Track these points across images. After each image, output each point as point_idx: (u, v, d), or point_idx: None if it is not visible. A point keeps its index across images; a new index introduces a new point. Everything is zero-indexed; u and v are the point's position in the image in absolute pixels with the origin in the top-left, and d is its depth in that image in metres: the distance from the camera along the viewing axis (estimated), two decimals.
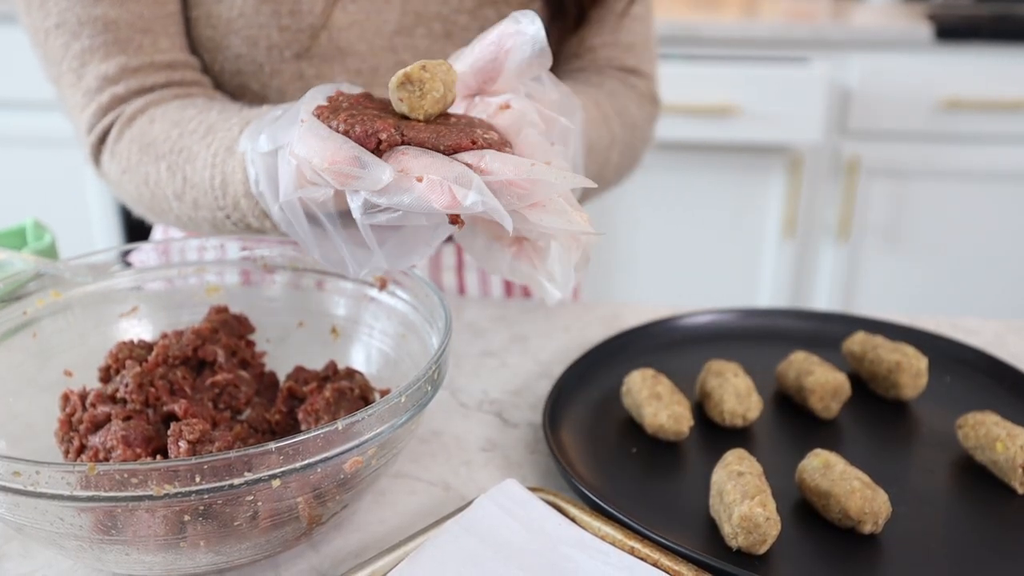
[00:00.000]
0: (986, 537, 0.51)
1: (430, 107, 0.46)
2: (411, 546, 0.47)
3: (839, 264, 1.89)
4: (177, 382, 0.53)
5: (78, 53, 0.68)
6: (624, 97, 0.80)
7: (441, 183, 0.43)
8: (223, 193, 0.59)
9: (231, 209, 0.60)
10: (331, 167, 0.44)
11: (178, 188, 0.63)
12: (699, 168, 1.87)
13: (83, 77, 0.68)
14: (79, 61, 0.68)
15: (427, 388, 0.47)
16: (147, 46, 0.69)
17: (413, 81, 0.46)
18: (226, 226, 0.62)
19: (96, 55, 0.68)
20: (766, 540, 0.48)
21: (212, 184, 0.60)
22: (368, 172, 0.44)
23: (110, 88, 0.68)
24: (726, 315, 0.74)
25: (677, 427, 0.58)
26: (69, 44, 0.68)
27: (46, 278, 0.58)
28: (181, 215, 0.65)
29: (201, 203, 0.62)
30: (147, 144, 0.65)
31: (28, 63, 0.71)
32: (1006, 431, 0.55)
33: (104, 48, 0.68)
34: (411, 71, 0.46)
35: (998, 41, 1.73)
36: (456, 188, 0.43)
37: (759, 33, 1.77)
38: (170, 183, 0.63)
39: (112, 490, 0.39)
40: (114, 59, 0.68)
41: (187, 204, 0.63)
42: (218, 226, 0.63)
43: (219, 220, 0.62)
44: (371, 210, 0.45)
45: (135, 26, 0.68)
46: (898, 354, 0.63)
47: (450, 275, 0.84)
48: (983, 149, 1.79)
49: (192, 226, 0.66)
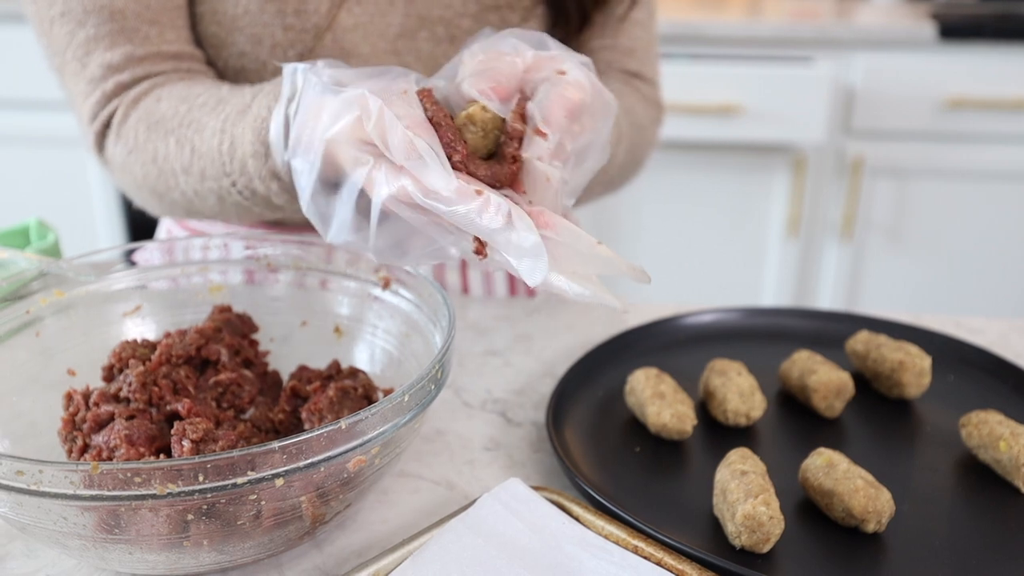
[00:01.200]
0: (989, 536, 0.51)
1: (484, 150, 0.49)
2: (415, 545, 0.47)
3: (843, 263, 1.89)
4: (180, 381, 0.53)
5: (83, 42, 0.68)
6: (630, 97, 0.80)
7: (499, 206, 0.44)
8: (231, 158, 0.59)
9: (238, 174, 0.60)
10: (408, 137, 0.45)
11: (186, 161, 0.63)
12: (703, 167, 1.87)
13: (87, 66, 0.68)
14: (83, 50, 0.68)
15: (431, 387, 0.47)
16: (154, 36, 0.69)
17: (476, 122, 0.48)
18: (231, 196, 0.62)
19: (101, 44, 0.68)
20: (769, 539, 0.48)
21: (220, 150, 0.60)
22: (434, 166, 0.45)
23: (114, 76, 0.68)
24: (729, 314, 0.74)
25: (680, 426, 0.57)
26: (74, 32, 0.68)
27: (49, 277, 0.58)
28: (187, 190, 0.64)
29: (208, 173, 0.62)
30: (155, 122, 0.65)
31: (33, 63, 0.71)
32: (1009, 430, 0.55)
33: (110, 37, 0.67)
34: (474, 113, 0.48)
35: (1002, 40, 1.72)
36: (516, 215, 0.44)
37: (763, 32, 1.76)
38: (178, 156, 0.63)
39: (115, 489, 0.39)
40: (120, 48, 0.68)
41: (194, 176, 0.63)
42: (223, 197, 0.63)
43: (224, 190, 0.62)
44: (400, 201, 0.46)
45: (142, 16, 0.68)
46: (901, 353, 0.63)
47: (454, 274, 0.84)
48: (987, 148, 1.79)
49: (197, 202, 0.65)
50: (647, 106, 0.82)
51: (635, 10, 0.81)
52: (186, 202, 0.66)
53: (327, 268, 0.61)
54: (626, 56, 0.82)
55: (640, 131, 0.80)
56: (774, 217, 1.89)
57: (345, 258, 0.61)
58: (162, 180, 0.66)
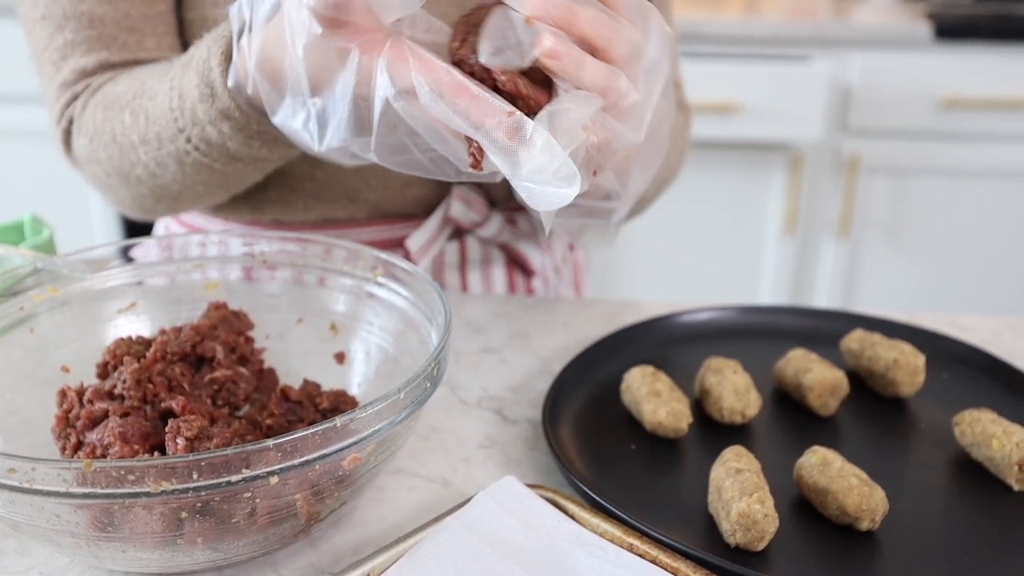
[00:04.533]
0: (982, 533, 0.51)
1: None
2: (410, 543, 0.47)
3: (839, 261, 1.89)
4: (175, 378, 0.53)
5: (60, 46, 0.68)
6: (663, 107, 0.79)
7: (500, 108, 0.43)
8: (181, 111, 0.58)
9: (190, 127, 0.59)
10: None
11: (141, 129, 0.62)
12: (700, 165, 1.87)
13: (61, 69, 0.68)
14: (60, 54, 0.68)
15: (426, 384, 0.47)
16: (132, 44, 0.69)
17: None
18: (190, 156, 0.61)
19: (78, 49, 0.68)
20: (764, 537, 0.48)
21: (171, 107, 0.59)
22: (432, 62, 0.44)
23: (85, 80, 0.68)
24: (725, 312, 0.74)
25: (676, 424, 0.58)
26: (53, 36, 0.68)
27: (44, 273, 0.57)
28: (148, 162, 0.64)
29: (164, 136, 0.61)
30: (111, 102, 0.65)
31: (27, 58, 0.71)
32: (1002, 428, 0.55)
33: (87, 43, 0.68)
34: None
35: (997, 40, 1.73)
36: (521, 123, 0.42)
37: (760, 31, 1.76)
38: (134, 127, 0.63)
39: (109, 487, 0.39)
40: (95, 54, 0.68)
41: (151, 144, 0.62)
42: (182, 160, 0.62)
43: (182, 151, 0.61)
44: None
45: (121, 24, 0.68)
46: (896, 351, 0.63)
47: (453, 273, 0.84)
48: (982, 147, 1.79)
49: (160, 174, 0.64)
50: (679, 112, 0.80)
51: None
52: (149, 177, 0.65)
53: (324, 265, 0.61)
54: None
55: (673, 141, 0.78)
56: (771, 215, 1.89)
57: (343, 255, 0.61)
58: (124, 158, 0.65)
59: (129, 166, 0.65)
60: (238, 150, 0.60)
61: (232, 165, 0.62)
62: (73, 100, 0.68)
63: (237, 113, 0.57)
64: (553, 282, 0.90)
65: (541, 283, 0.88)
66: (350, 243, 0.60)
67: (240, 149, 0.60)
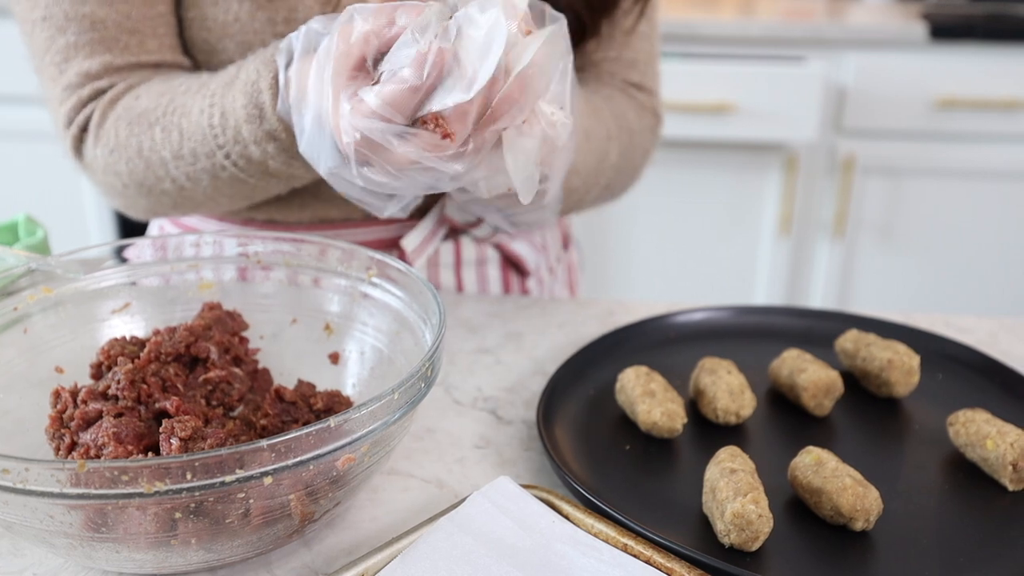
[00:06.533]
0: (976, 533, 0.51)
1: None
2: (404, 543, 0.47)
3: (834, 261, 1.89)
4: (169, 379, 0.53)
5: (62, 48, 0.68)
6: (622, 104, 0.80)
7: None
8: (222, 129, 0.61)
9: (231, 144, 0.61)
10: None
11: (175, 146, 0.64)
12: (695, 166, 1.87)
13: (65, 72, 0.69)
14: (62, 56, 0.68)
15: (420, 385, 0.47)
16: (133, 46, 0.69)
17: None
18: (226, 171, 0.63)
19: (80, 52, 0.68)
20: (758, 537, 0.48)
21: (211, 123, 0.61)
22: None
23: (92, 83, 0.68)
24: (719, 312, 0.74)
25: (670, 424, 0.58)
26: (54, 38, 0.68)
27: (38, 274, 0.57)
28: (178, 176, 0.65)
29: (199, 152, 0.63)
30: (136, 116, 0.66)
31: (22, 57, 0.71)
32: (996, 428, 0.55)
33: (89, 46, 0.68)
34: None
35: (992, 40, 1.73)
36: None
37: (756, 31, 1.77)
38: (165, 144, 0.64)
39: (102, 487, 0.39)
40: (98, 57, 0.68)
41: (185, 160, 0.64)
42: (217, 174, 0.63)
43: (218, 166, 0.63)
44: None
45: (122, 26, 0.68)
46: (890, 352, 0.63)
47: (448, 273, 0.84)
48: (977, 147, 1.80)
49: (189, 187, 0.66)
50: (641, 113, 0.82)
51: (641, 23, 0.81)
52: (177, 190, 0.67)
53: (319, 266, 0.61)
54: (628, 68, 0.82)
55: (631, 135, 0.80)
56: (766, 215, 1.90)
57: (337, 256, 0.61)
58: (150, 172, 0.66)
59: (155, 180, 0.67)
60: (278, 169, 0.63)
61: (266, 180, 0.65)
62: (82, 105, 0.69)
63: (284, 135, 0.60)
64: (548, 282, 0.90)
65: (536, 283, 0.88)
66: (345, 243, 0.60)
67: (280, 168, 0.63)
